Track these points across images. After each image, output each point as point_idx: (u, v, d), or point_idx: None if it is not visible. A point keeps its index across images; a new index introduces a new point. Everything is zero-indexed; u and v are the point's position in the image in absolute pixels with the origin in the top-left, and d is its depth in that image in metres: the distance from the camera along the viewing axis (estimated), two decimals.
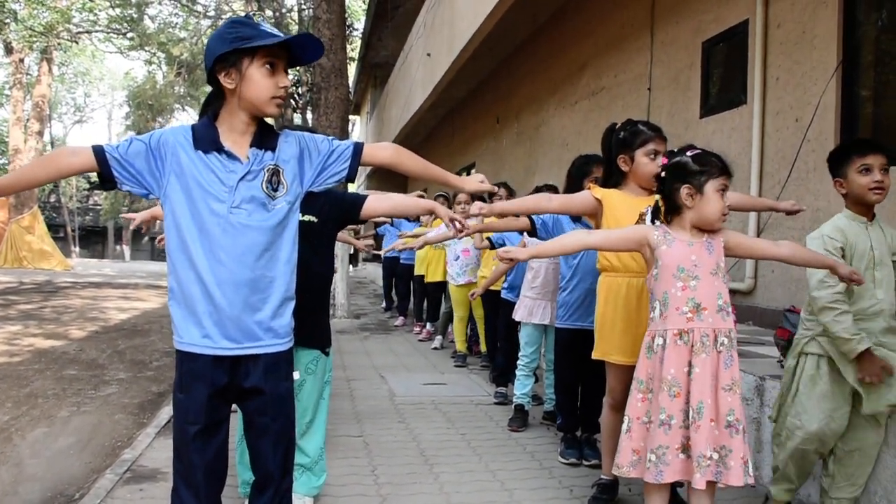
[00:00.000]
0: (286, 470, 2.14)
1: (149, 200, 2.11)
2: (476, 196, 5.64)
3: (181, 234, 1.99)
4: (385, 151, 2.26)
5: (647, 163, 3.10)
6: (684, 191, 2.60)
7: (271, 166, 2.05)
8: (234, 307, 1.99)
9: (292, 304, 2.13)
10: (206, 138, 2.01)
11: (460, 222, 2.54)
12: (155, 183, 2.01)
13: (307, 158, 2.14)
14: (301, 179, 2.13)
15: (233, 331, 2.00)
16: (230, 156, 2.01)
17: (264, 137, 2.06)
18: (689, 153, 2.64)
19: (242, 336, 2.01)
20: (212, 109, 2.08)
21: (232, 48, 1.95)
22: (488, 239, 5.30)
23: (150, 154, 1.99)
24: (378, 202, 2.82)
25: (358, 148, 2.19)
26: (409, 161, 2.29)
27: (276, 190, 2.04)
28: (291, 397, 2.15)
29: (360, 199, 2.84)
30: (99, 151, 1.97)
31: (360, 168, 2.27)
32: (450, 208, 7.92)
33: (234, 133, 2.04)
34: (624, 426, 2.72)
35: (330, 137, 2.22)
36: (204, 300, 1.98)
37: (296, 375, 2.27)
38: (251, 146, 2.04)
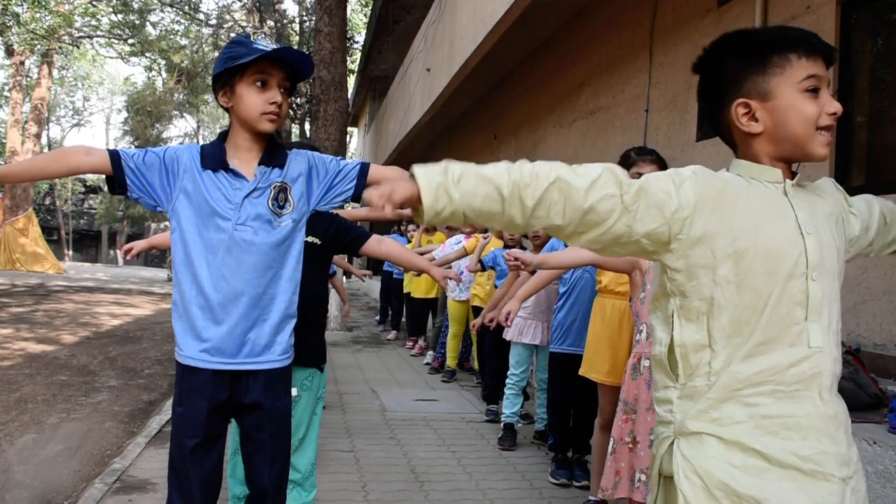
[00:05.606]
0: (280, 487, 2.14)
1: (156, 212, 2.13)
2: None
3: (187, 250, 2.02)
4: (391, 172, 2.28)
5: None
6: None
7: (278, 184, 2.08)
8: (235, 323, 2.01)
9: (293, 322, 2.15)
10: (213, 157, 2.05)
11: (454, 279, 2.65)
12: (164, 197, 2.04)
13: (315, 177, 2.16)
14: (308, 198, 2.15)
15: (233, 346, 2.02)
16: (236, 174, 2.04)
17: (272, 155, 2.09)
18: None
19: (242, 352, 2.03)
20: (223, 130, 2.14)
21: (224, 68, 2.01)
22: (480, 262, 5.35)
23: (163, 168, 2.03)
24: (377, 245, 2.91)
25: (364, 168, 2.22)
26: None
27: (282, 207, 2.07)
28: (289, 414, 2.16)
29: (363, 237, 2.92)
30: (115, 156, 1.99)
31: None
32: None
33: (240, 151, 2.07)
34: (609, 447, 2.75)
35: (338, 157, 2.24)
36: (205, 315, 2.01)
37: (293, 393, 2.28)
38: (259, 164, 2.07)
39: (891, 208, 1.60)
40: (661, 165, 3.13)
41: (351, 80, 23.52)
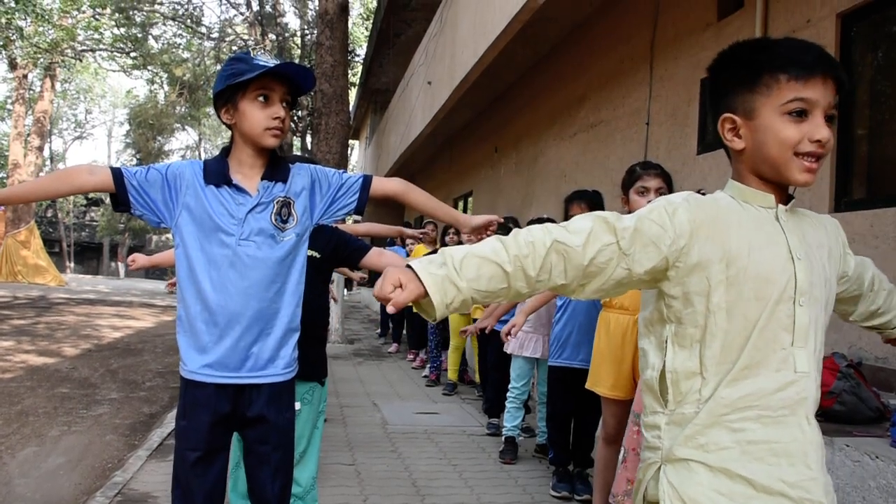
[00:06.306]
0: (283, 500, 2.14)
1: (159, 228, 2.14)
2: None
3: (191, 265, 2.03)
4: (393, 184, 2.29)
5: (637, 200, 3.11)
6: None
7: (281, 198, 2.08)
8: (239, 337, 2.01)
9: (296, 335, 2.15)
10: (215, 172, 2.05)
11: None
12: (168, 213, 2.05)
13: (318, 191, 2.17)
14: (311, 212, 2.16)
15: (236, 361, 2.02)
16: (239, 189, 2.04)
17: (275, 170, 2.09)
18: None
19: (245, 366, 2.03)
20: (225, 145, 2.15)
21: (225, 85, 2.02)
22: None
23: (166, 185, 2.03)
24: (378, 257, 2.92)
25: (367, 181, 2.23)
26: (416, 196, 2.31)
27: (285, 222, 2.08)
28: (292, 428, 2.17)
29: (363, 250, 2.93)
30: (117, 174, 2.00)
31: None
32: (441, 236, 8.07)
33: (243, 167, 2.08)
34: (620, 456, 2.76)
35: (340, 170, 2.25)
36: (209, 330, 2.01)
37: (297, 406, 2.28)
38: (262, 179, 2.07)
39: (880, 277, 1.61)
40: (666, 179, 3.12)
41: (352, 94, 23.61)
